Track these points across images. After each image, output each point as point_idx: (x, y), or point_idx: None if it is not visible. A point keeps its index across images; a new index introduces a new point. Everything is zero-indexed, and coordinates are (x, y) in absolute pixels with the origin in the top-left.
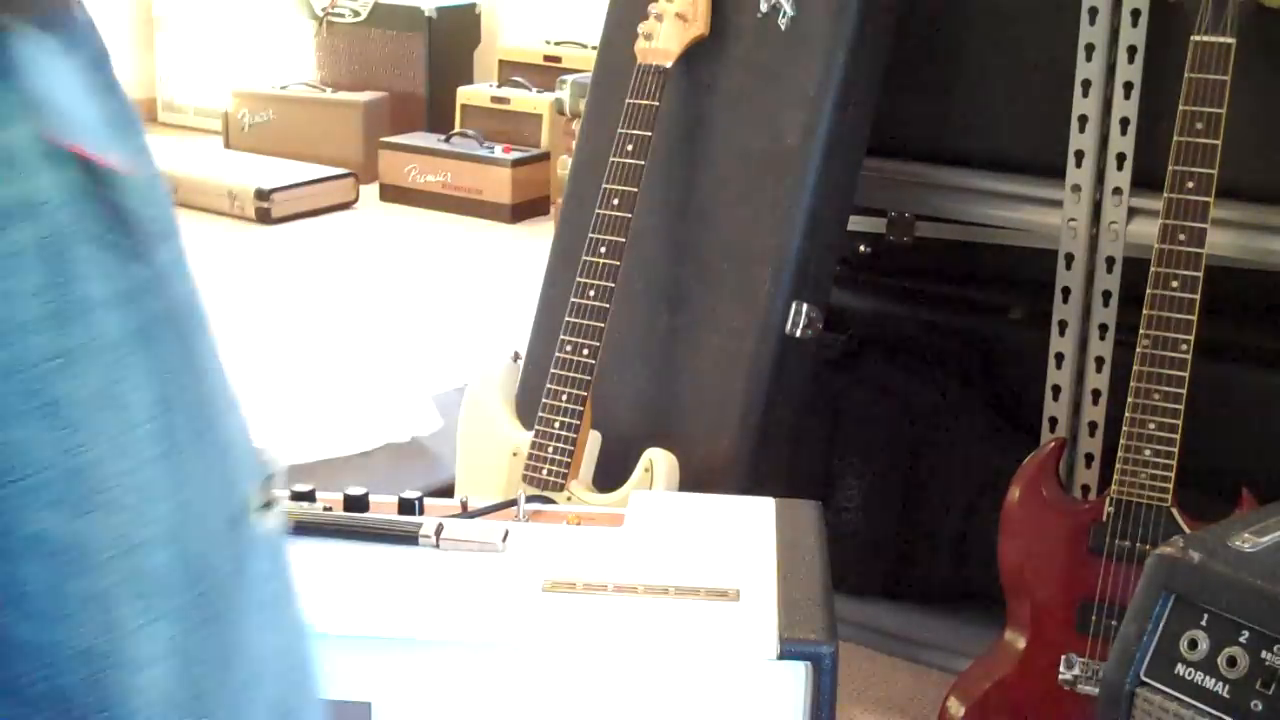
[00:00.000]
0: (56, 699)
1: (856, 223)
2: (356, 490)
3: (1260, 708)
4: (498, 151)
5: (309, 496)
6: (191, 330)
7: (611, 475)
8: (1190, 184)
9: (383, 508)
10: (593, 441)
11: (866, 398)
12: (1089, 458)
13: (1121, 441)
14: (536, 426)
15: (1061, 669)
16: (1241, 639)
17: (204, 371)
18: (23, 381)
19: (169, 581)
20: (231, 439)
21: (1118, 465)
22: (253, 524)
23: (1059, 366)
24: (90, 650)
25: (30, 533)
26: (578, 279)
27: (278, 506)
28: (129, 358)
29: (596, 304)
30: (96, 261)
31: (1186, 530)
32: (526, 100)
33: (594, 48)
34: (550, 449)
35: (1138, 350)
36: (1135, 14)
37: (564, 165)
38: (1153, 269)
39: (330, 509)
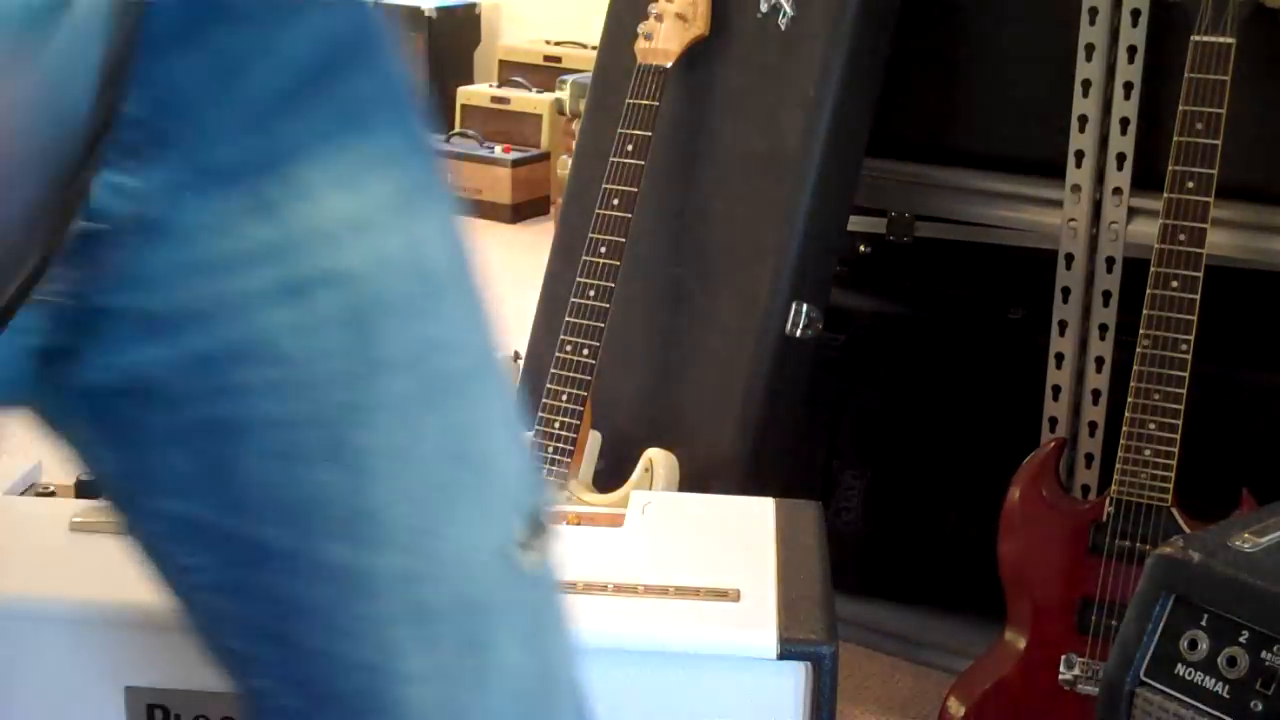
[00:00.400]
0: (337, 701)
1: (856, 223)
2: None
3: (1260, 708)
4: (498, 151)
5: None
6: (478, 382)
7: (611, 475)
8: (1190, 184)
9: None
10: (593, 441)
11: (866, 398)
12: (1089, 458)
13: (1121, 441)
14: (536, 426)
15: (1061, 669)
16: (1241, 639)
17: (486, 421)
18: (326, 433)
19: (440, 610)
20: (507, 480)
21: (1118, 465)
22: (521, 557)
23: (1059, 366)
24: (367, 664)
25: (325, 560)
26: (578, 279)
27: (546, 539)
28: (418, 413)
29: (597, 304)
30: (392, 326)
31: (1186, 530)
32: (526, 100)
33: (594, 48)
34: (550, 449)
35: (1138, 350)
36: (1135, 14)
37: (564, 165)
38: (1153, 269)
39: None
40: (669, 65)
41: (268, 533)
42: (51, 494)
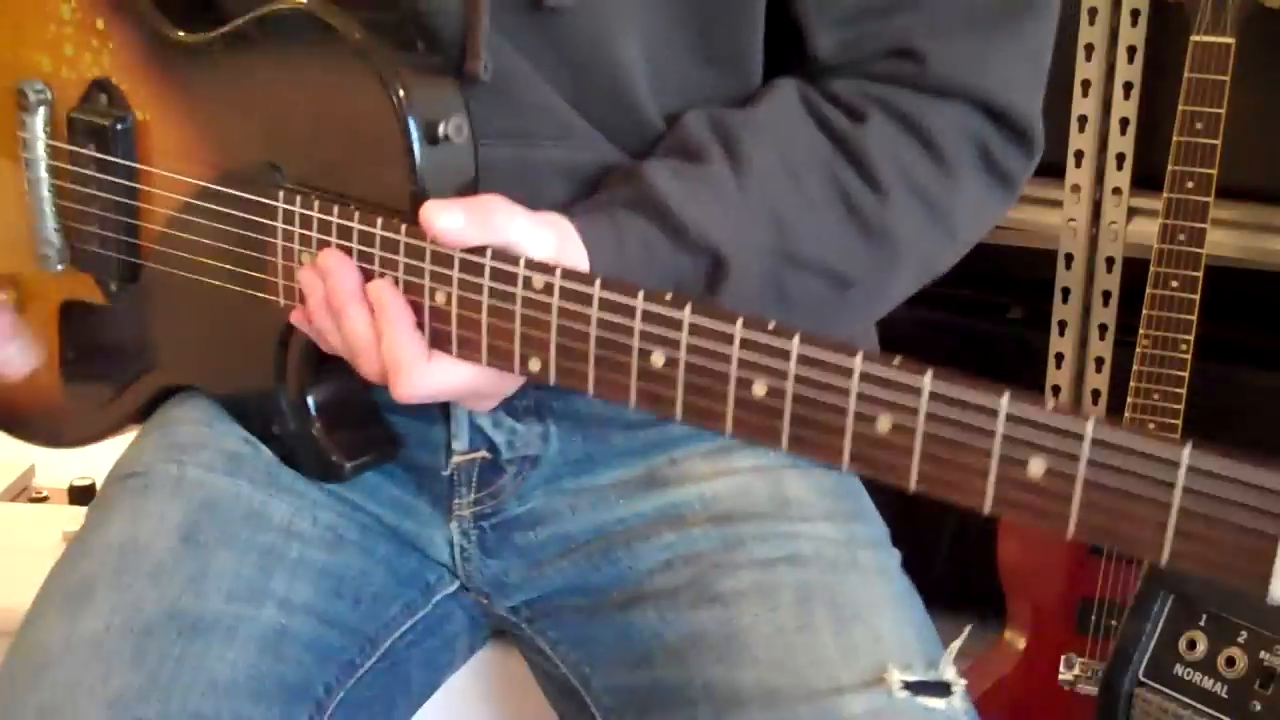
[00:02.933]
0: None
1: None
2: None
3: (1259, 708)
4: None
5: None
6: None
7: None
8: (1190, 184)
9: None
10: None
11: None
12: None
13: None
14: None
15: (1061, 669)
16: (1240, 639)
17: (855, 587)
18: (699, 588)
19: None
20: (877, 628)
21: None
22: (889, 695)
23: (1059, 366)
24: None
25: (703, 681)
26: None
27: (938, 692)
28: (777, 568)
29: None
30: (752, 527)
31: None
32: None
33: None
34: None
35: (1138, 350)
36: (1135, 14)
37: None
38: (1153, 269)
39: None
40: None
41: (661, 673)
42: (44, 499)
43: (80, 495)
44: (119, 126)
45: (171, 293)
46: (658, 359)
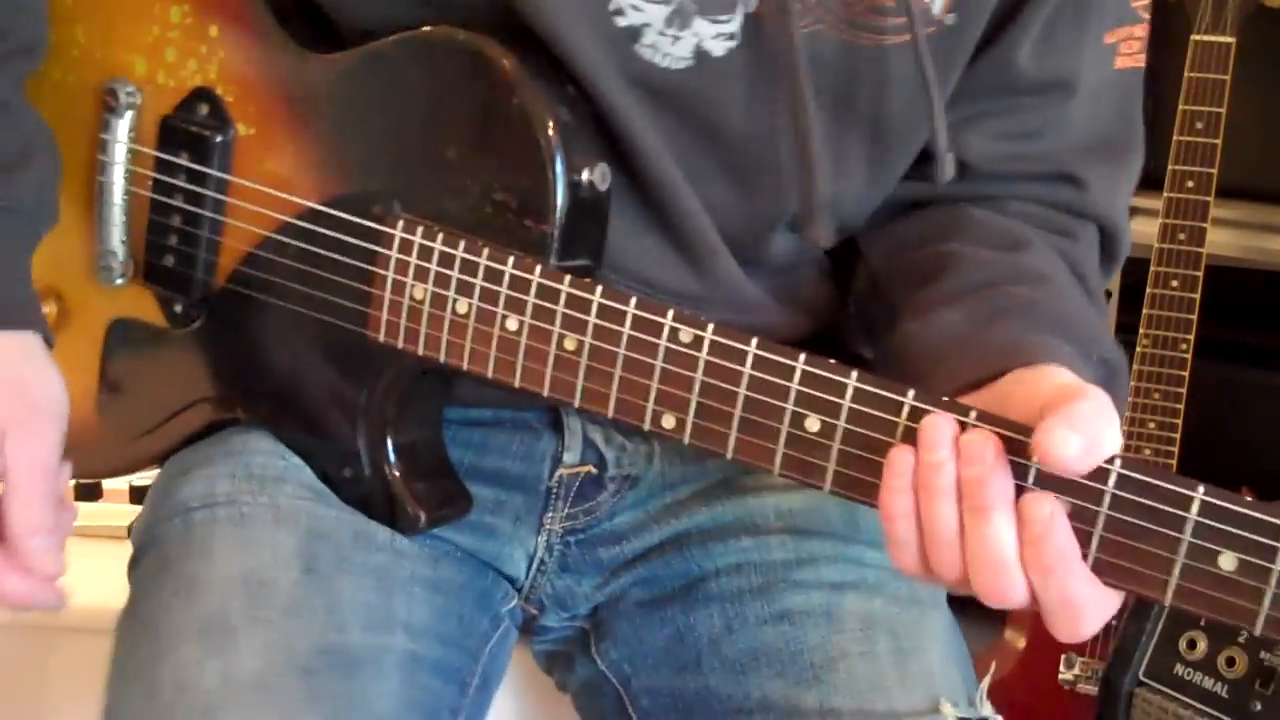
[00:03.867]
0: None
1: None
2: None
3: (1259, 708)
4: None
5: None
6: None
7: None
8: (1190, 184)
9: None
10: None
11: None
12: None
13: (1121, 441)
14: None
15: (1061, 669)
16: (1240, 639)
17: (914, 616)
18: (767, 599)
19: None
20: (930, 662)
21: None
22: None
23: None
24: None
25: (761, 695)
26: None
27: None
28: (845, 593)
29: None
30: (822, 543)
31: None
32: None
33: None
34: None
35: (1138, 350)
36: None
37: None
38: (1153, 269)
39: None
40: None
41: (713, 680)
42: None
43: (85, 492)
44: (219, 138)
45: (246, 319)
46: (812, 424)
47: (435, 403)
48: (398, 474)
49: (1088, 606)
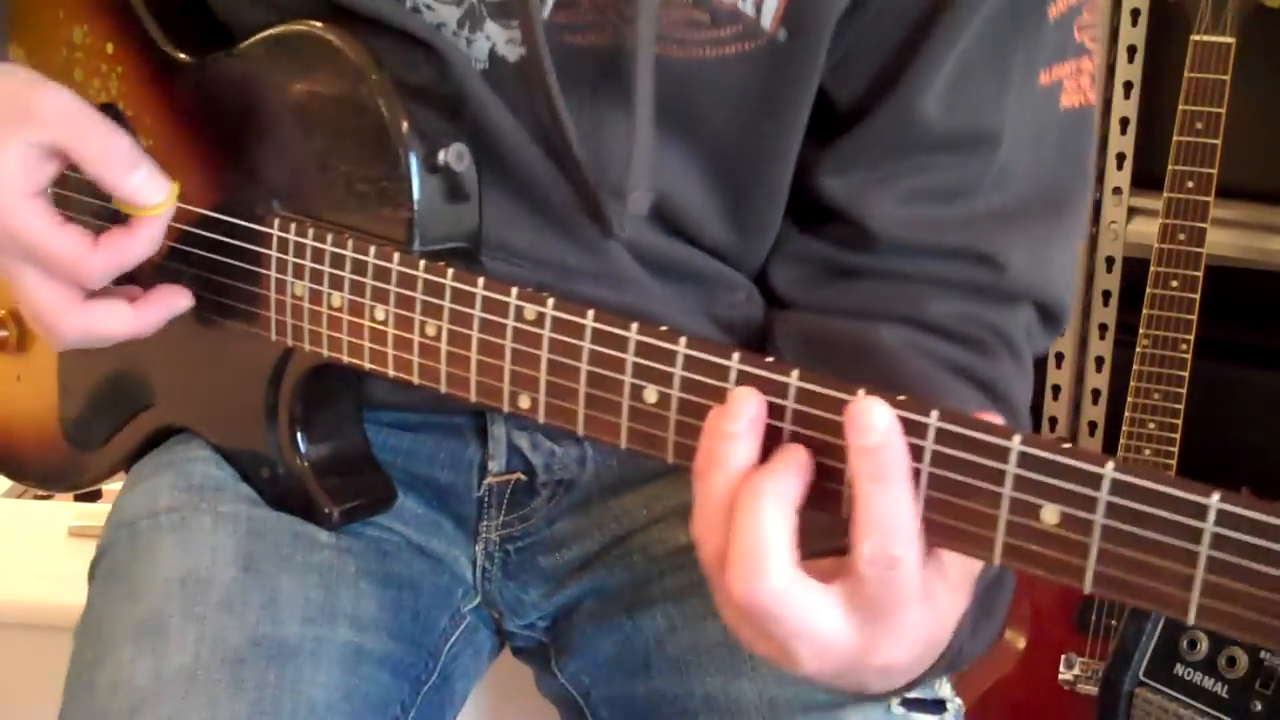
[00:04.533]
0: None
1: None
2: None
3: (1260, 708)
4: None
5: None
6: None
7: None
8: (1190, 184)
9: None
10: None
11: None
12: None
13: (1121, 441)
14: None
15: (1061, 669)
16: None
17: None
18: (706, 594)
19: None
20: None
21: None
22: (887, 710)
23: (1059, 366)
24: None
25: (704, 693)
26: None
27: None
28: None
29: None
30: None
31: None
32: None
33: None
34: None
35: (1138, 350)
36: (1135, 14)
37: None
38: (1153, 269)
39: None
40: None
41: (661, 682)
42: (49, 497)
43: (84, 493)
44: None
45: (169, 330)
46: (650, 395)
47: (346, 397)
48: (308, 468)
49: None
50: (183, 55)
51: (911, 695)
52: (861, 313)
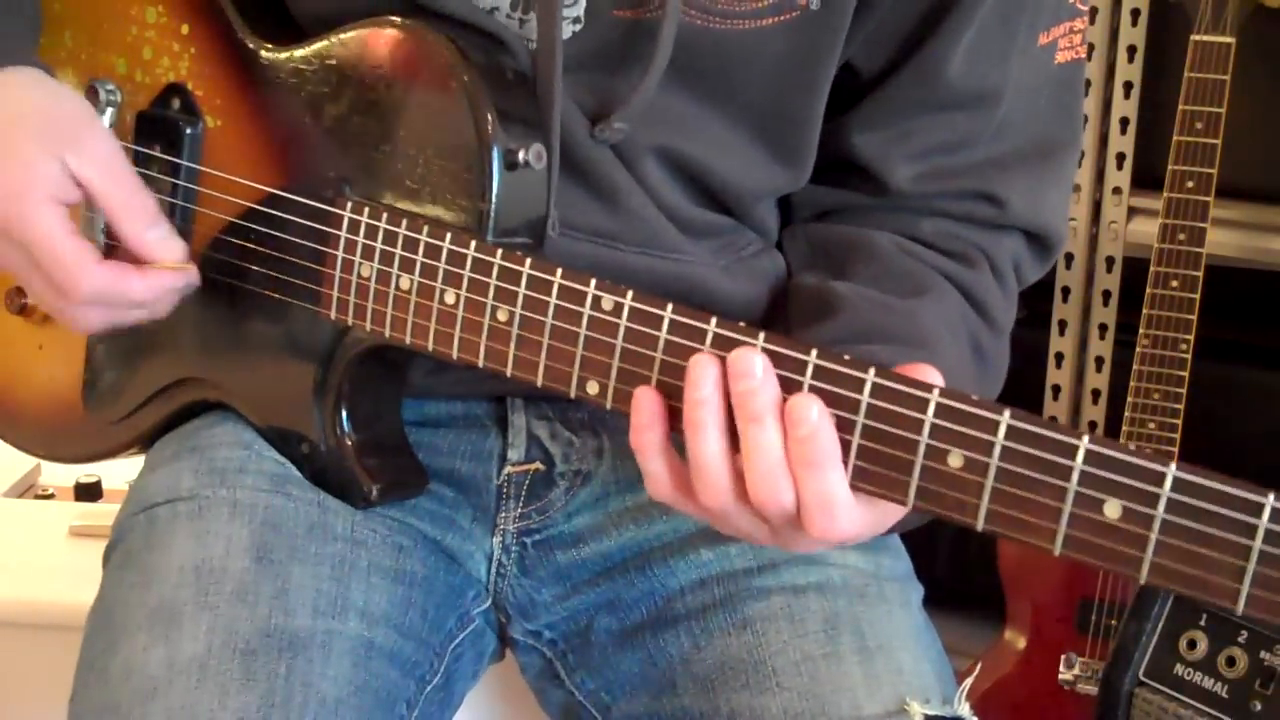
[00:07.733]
0: None
1: None
2: None
3: (1259, 708)
4: None
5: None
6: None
7: None
8: (1190, 183)
9: None
10: None
11: None
12: None
13: (1121, 441)
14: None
15: (1061, 669)
16: (1240, 639)
17: (881, 620)
18: (730, 610)
19: None
20: (899, 660)
21: None
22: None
23: (1059, 366)
24: None
25: (729, 709)
26: None
27: None
28: (807, 594)
29: None
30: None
31: None
32: None
33: None
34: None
35: (1138, 350)
36: (1135, 14)
37: None
38: (1153, 269)
39: None
40: None
41: (687, 700)
42: (50, 496)
43: (85, 492)
44: (189, 130)
45: (214, 302)
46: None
47: (391, 381)
48: (350, 446)
49: (842, 506)
50: (261, 44)
51: (931, 713)
52: (862, 226)
